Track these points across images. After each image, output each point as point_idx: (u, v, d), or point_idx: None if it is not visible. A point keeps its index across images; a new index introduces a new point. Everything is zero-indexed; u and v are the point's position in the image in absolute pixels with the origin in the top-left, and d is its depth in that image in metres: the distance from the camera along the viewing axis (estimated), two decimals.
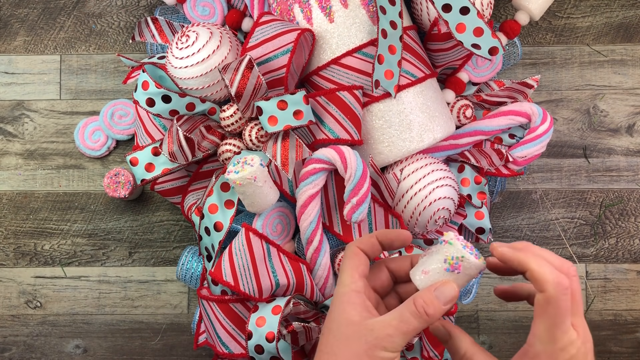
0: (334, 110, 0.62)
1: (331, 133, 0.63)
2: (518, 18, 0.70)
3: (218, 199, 0.62)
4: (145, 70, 0.62)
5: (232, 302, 0.62)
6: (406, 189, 0.63)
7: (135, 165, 0.65)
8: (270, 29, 0.63)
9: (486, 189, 0.69)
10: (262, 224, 0.64)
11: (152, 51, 0.73)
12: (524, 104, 0.69)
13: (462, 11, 0.61)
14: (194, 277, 0.69)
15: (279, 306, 0.59)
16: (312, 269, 0.65)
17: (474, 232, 0.70)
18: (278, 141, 0.62)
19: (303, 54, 0.65)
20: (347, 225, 0.65)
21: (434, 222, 0.63)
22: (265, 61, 0.62)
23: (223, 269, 0.60)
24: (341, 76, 0.64)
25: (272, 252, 0.61)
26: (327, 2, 0.64)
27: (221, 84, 0.63)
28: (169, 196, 0.70)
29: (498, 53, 0.62)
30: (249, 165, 0.58)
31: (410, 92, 0.64)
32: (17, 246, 0.76)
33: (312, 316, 0.63)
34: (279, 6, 0.66)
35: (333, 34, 0.64)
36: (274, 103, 0.60)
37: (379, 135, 0.64)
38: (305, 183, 0.63)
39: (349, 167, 0.60)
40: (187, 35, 0.63)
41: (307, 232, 0.63)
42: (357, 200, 0.60)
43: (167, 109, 0.62)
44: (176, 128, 0.60)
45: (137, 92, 0.63)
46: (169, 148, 0.62)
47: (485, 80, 0.72)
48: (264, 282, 0.60)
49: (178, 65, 0.62)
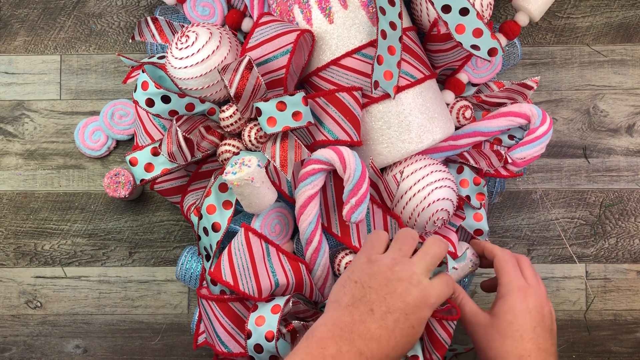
0: (333, 112, 0.62)
1: (330, 134, 0.63)
2: (518, 19, 0.70)
3: (216, 200, 0.62)
4: (145, 71, 0.62)
5: (231, 302, 0.62)
6: (405, 190, 0.63)
7: (135, 165, 0.65)
8: (270, 29, 0.63)
9: (485, 190, 0.69)
10: (260, 224, 0.64)
11: (152, 51, 0.73)
12: (524, 105, 0.69)
13: (462, 12, 0.61)
14: (193, 277, 0.69)
15: (278, 305, 0.59)
16: (312, 269, 0.65)
17: (472, 234, 0.70)
18: (277, 142, 0.62)
19: (302, 55, 0.65)
20: (345, 226, 0.65)
21: (432, 223, 0.63)
22: (264, 62, 0.62)
23: (222, 269, 0.60)
24: (340, 77, 0.64)
25: (272, 251, 0.61)
26: (327, 3, 0.64)
27: (221, 84, 0.63)
28: (169, 196, 0.70)
29: (497, 54, 0.62)
30: (246, 166, 0.58)
31: (410, 93, 0.64)
32: (17, 246, 0.76)
33: (312, 315, 0.63)
34: (279, 7, 0.66)
35: (332, 35, 0.64)
36: (273, 104, 0.60)
37: (378, 137, 0.64)
38: (304, 184, 0.63)
39: (348, 167, 0.60)
40: (186, 36, 0.63)
41: (306, 232, 0.64)
42: (356, 201, 0.60)
43: (166, 109, 0.62)
44: (175, 129, 0.60)
45: (136, 93, 0.63)
46: (168, 148, 0.62)
47: (485, 81, 0.72)
48: (263, 282, 0.60)
49: (178, 65, 0.62)
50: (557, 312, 0.75)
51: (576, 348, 0.75)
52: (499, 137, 0.71)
